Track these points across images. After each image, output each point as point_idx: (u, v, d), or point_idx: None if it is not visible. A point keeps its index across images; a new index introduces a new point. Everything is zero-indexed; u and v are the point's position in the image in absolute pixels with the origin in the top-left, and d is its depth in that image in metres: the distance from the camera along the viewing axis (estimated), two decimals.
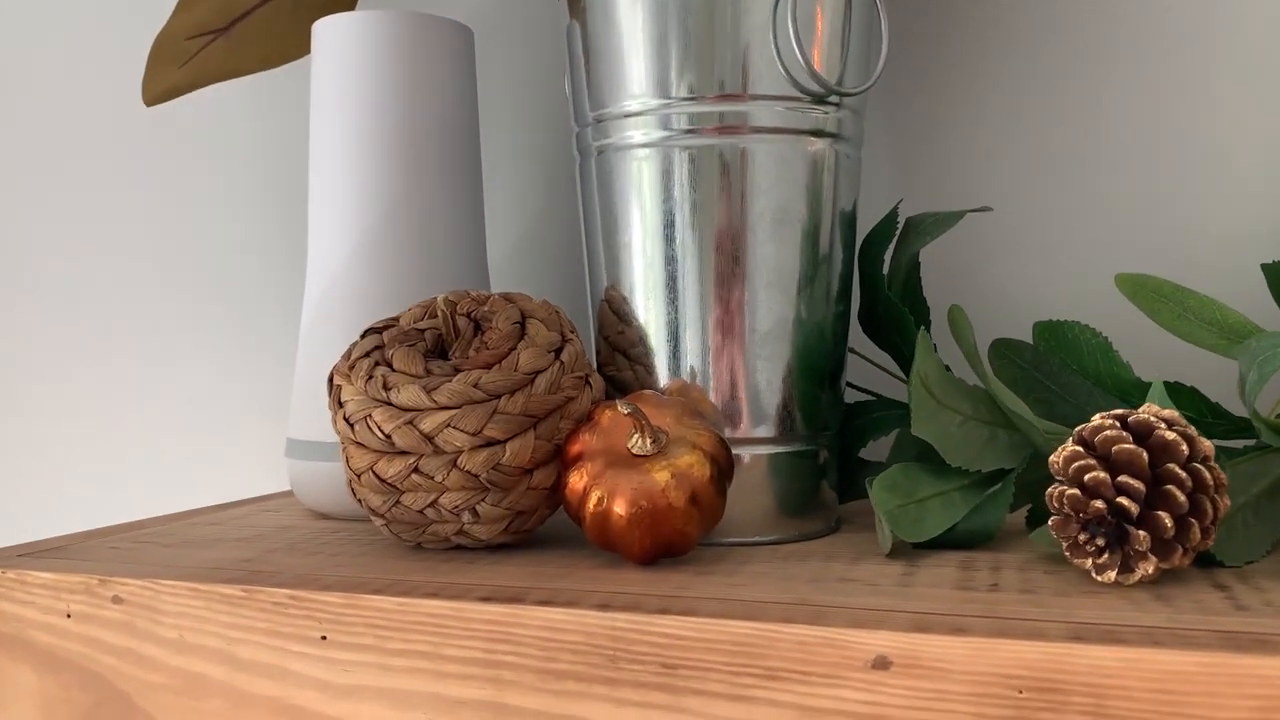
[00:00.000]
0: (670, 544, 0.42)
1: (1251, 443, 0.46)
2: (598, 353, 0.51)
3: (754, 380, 0.48)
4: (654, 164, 0.48)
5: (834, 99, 0.48)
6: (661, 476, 0.41)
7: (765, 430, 0.48)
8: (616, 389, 0.50)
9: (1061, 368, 0.49)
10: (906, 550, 0.45)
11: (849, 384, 0.56)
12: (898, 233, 0.53)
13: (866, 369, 0.58)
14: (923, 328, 0.46)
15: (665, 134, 0.47)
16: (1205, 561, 0.42)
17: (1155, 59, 0.58)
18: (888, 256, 0.53)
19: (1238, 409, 0.48)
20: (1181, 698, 0.31)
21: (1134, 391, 0.47)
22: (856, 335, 0.55)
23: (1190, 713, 0.31)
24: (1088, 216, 0.59)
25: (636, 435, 0.42)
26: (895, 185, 0.63)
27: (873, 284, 0.52)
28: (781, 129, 0.47)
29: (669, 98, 0.47)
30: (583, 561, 0.44)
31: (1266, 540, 0.43)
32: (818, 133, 0.48)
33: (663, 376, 0.48)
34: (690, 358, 0.48)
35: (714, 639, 0.35)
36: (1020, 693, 0.33)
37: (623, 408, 0.41)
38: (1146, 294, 0.48)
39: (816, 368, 0.49)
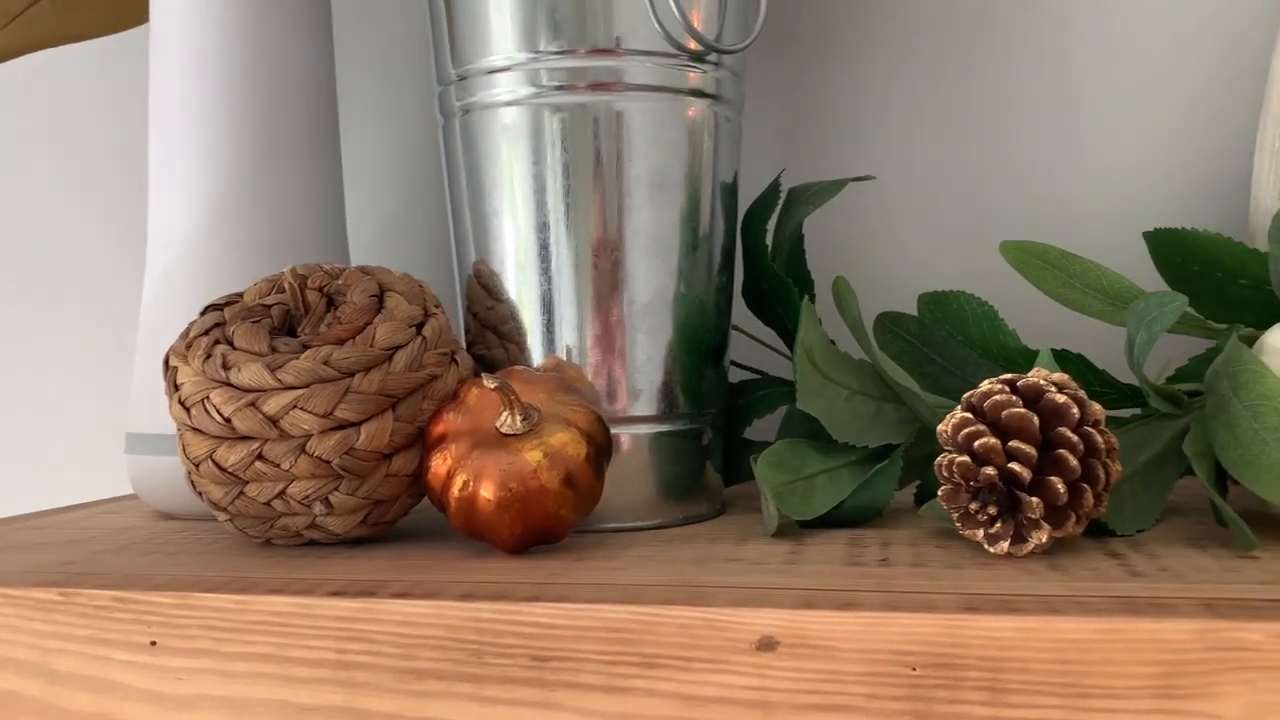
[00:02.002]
0: (544, 530, 0.39)
1: (1139, 411, 0.45)
2: (466, 331, 0.47)
3: (633, 356, 0.45)
4: (522, 124, 0.45)
5: (712, 58, 0.46)
6: (533, 456, 0.38)
7: (646, 409, 0.45)
8: (487, 369, 0.46)
9: (947, 339, 0.48)
10: (793, 529, 0.43)
11: (732, 362, 0.54)
12: (781, 203, 0.51)
13: (750, 346, 0.56)
14: (807, 298, 0.44)
15: (533, 91, 0.44)
16: (1097, 531, 0.40)
17: (1039, 30, 0.58)
18: (772, 228, 0.51)
19: (1125, 377, 0.47)
20: (1079, 666, 0.30)
21: (1021, 360, 0.46)
22: (740, 311, 0.53)
23: (1088, 682, 0.29)
24: (974, 187, 0.58)
25: (506, 413, 0.39)
26: (780, 156, 0.61)
27: (756, 256, 0.50)
28: (658, 87, 0.45)
29: (537, 52, 0.44)
30: (450, 553, 0.41)
31: (1156, 508, 0.42)
32: (696, 93, 0.46)
33: (537, 354, 0.45)
34: (566, 334, 0.45)
35: (588, 626, 0.32)
36: (914, 670, 0.30)
37: (489, 382, 0.38)
38: (1031, 261, 0.46)
39: (699, 343, 0.46)
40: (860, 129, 0.60)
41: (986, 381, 0.39)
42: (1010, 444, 0.36)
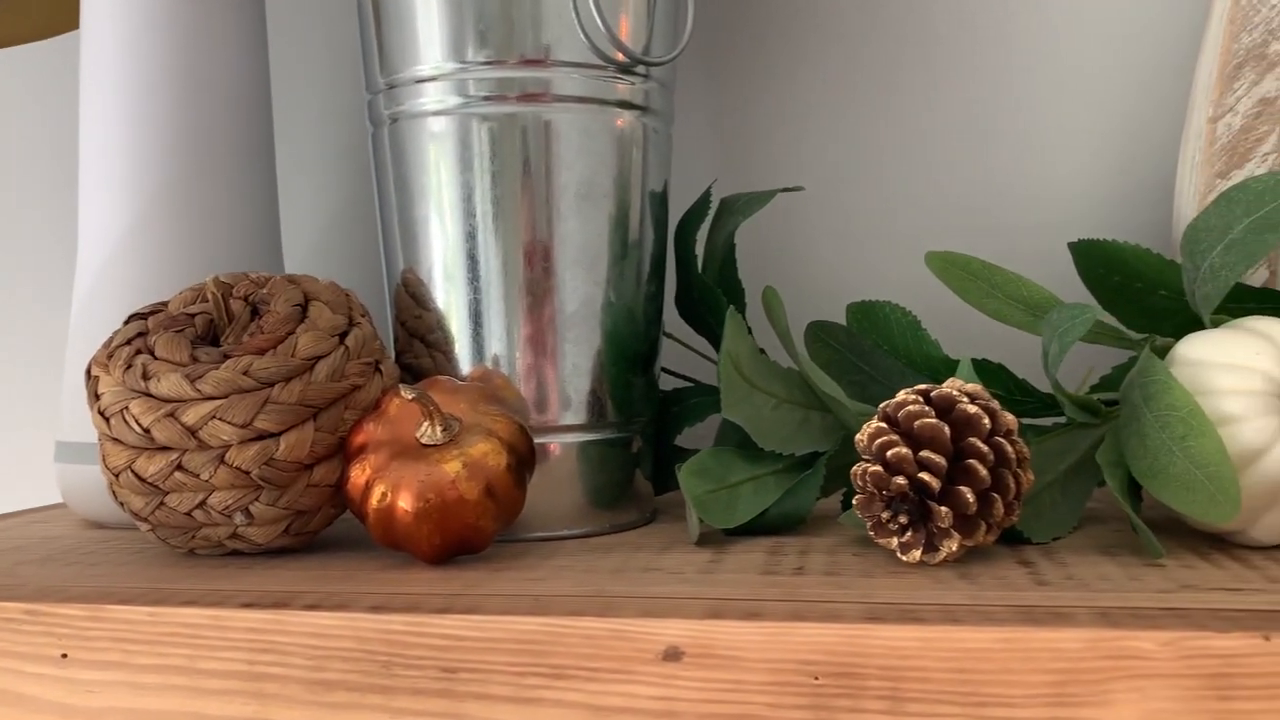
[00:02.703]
0: (464, 540, 0.39)
1: (1062, 420, 0.46)
2: (395, 340, 0.47)
3: (561, 365, 0.45)
4: (450, 134, 0.45)
5: (641, 70, 0.46)
6: (452, 467, 0.38)
7: (574, 418, 0.45)
8: (415, 378, 0.46)
9: (874, 348, 0.48)
10: (717, 538, 0.44)
11: (665, 370, 0.54)
12: (712, 213, 0.52)
13: (684, 354, 0.57)
14: (732, 307, 0.44)
15: (461, 101, 0.44)
16: (1014, 539, 0.41)
17: (969, 43, 0.58)
18: (704, 238, 0.52)
19: (1048, 386, 0.48)
20: (977, 675, 0.30)
21: (944, 369, 0.46)
22: (674, 320, 0.53)
23: (986, 691, 0.30)
24: (907, 197, 0.59)
25: (426, 423, 0.39)
26: (714, 167, 0.61)
27: (686, 265, 0.51)
28: (586, 99, 0.45)
29: (465, 62, 0.44)
30: (371, 563, 0.41)
31: (1074, 516, 0.43)
32: (625, 105, 0.46)
33: (464, 363, 0.45)
34: (493, 343, 0.45)
35: (497, 638, 0.33)
36: (817, 679, 0.31)
37: (407, 393, 0.38)
38: (955, 271, 0.47)
39: (628, 351, 0.46)
40: (794, 140, 0.60)
41: (902, 392, 0.39)
42: (921, 454, 0.37)
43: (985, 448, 0.37)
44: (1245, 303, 0.45)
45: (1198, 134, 0.49)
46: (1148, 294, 0.46)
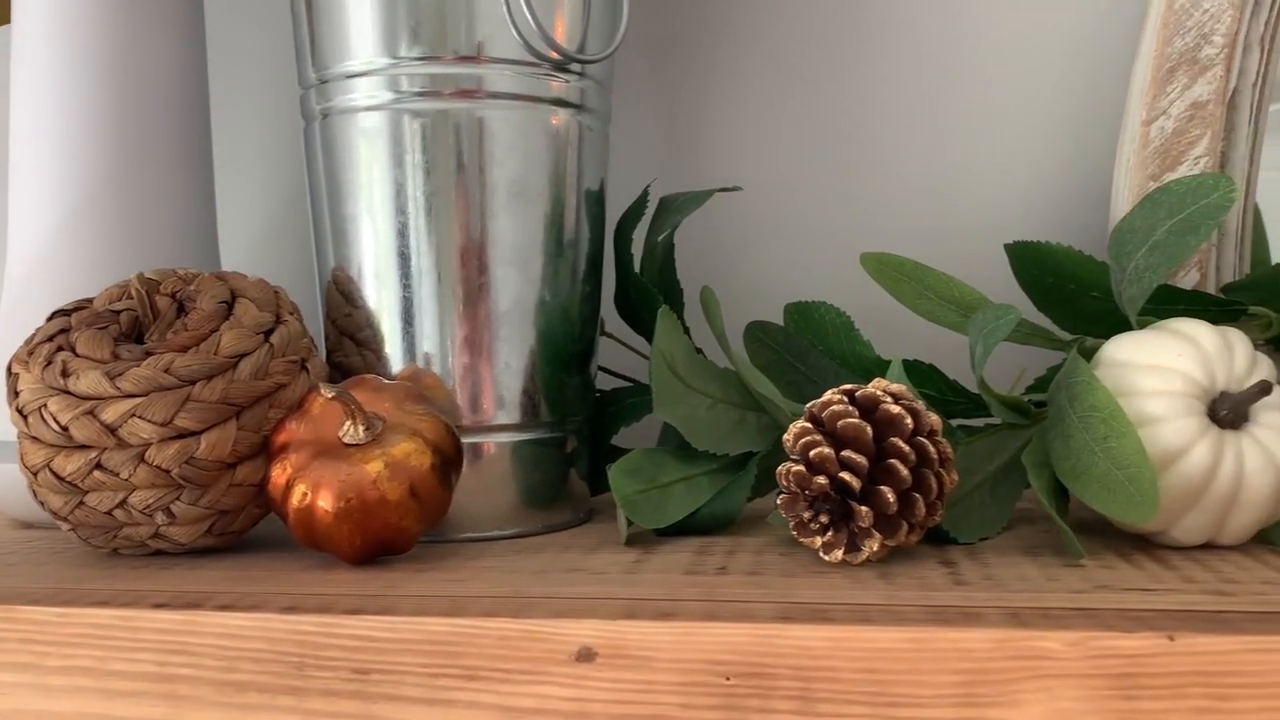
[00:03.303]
0: (386, 541, 0.39)
1: (996, 421, 0.46)
2: (326, 338, 0.47)
3: (493, 364, 0.45)
4: (381, 130, 0.44)
5: (576, 68, 0.46)
6: (374, 467, 0.38)
7: (507, 417, 0.45)
8: (345, 377, 0.46)
9: (810, 349, 0.48)
10: (648, 538, 0.43)
11: (605, 370, 0.54)
12: (652, 213, 0.52)
13: (624, 354, 0.56)
14: (665, 307, 0.44)
15: (393, 97, 0.44)
16: (940, 539, 0.41)
17: (909, 44, 0.58)
18: (644, 237, 0.51)
19: (974, 385, 0.48)
20: (886, 676, 0.30)
21: (876, 370, 0.46)
22: (615, 320, 0.53)
23: (894, 691, 0.30)
24: (851, 198, 0.59)
25: (348, 423, 0.39)
26: (657, 167, 0.61)
27: (624, 265, 0.50)
28: (520, 96, 0.45)
29: (397, 57, 0.44)
30: (294, 564, 0.40)
31: (1002, 517, 0.43)
32: (560, 103, 0.46)
33: (395, 362, 0.45)
34: (424, 342, 0.44)
35: (410, 639, 0.32)
36: (728, 679, 0.31)
37: (327, 392, 0.38)
38: (889, 272, 0.47)
39: (562, 351, 0.46)
40: (736, 140, 0.60)
41: (829, 392, 0.39)
42: (844, 454, 0.37)
43: (907, 448, 0.37)
44: (1176, 304, 0.45)
45: (1132, 137, 0.49)
46: (1081, 295, 0.47)
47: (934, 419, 0.39)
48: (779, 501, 0.38)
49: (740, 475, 0.44)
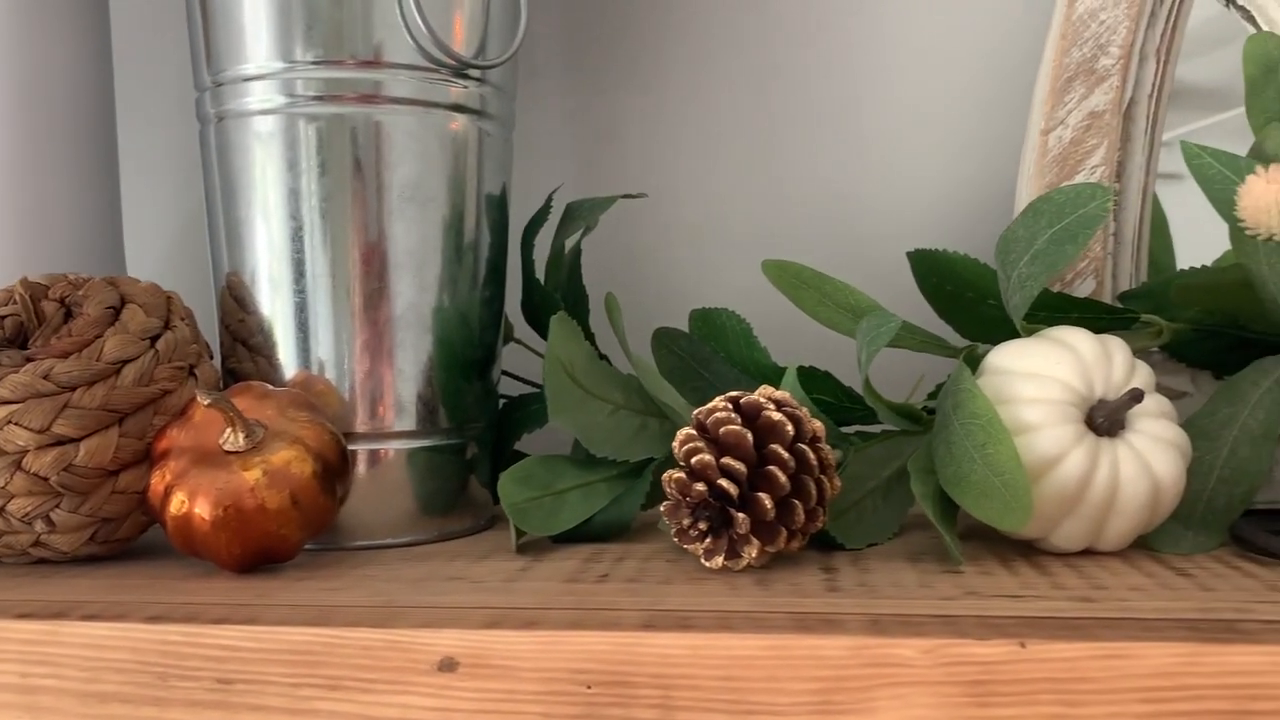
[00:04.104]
0: (267, 550, 0.38)
1: (894, 429, 0.46)
2: (221, 344, 0.46)
3: (389, 370, 0.44)
4: (276, 134, 0.44)
5: (475, 74, 0.46)
6: (252, 475, 0.37)
7: (403, 424, 0.45)
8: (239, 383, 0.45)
9: (713, 355, 0.48)
10: (542, 545, 0.43)
11: (512, 376, 0.54)
12: (559, 219, 0.51)
13: (534, 360, 0.56)
14: (562, 313, 0.44)
15: (288, 100, 0.44)
16: (830, 545, 0.41)
17: (823, 54, 0.59)
18: (551, 243, 0.51)
19: (883, 393, 0.48)
20: (744, 684, 0.30)
21: (774, 377, 0.46)
22: (525, 327, 0.53)
23: (752, 699, 0.30)
24: (766, 204, 0.59)
25: (228, 430, 0.38)
26: (571, 173, 0.61)
27: (527, 272, 0.50)
28: (418, 101, 0.44)
29: (293, 61, 0.44)
30: (178, 572, 0.40)
31: (893, 523, 0.43)
32: (459, 108, 0.45)
33: (289, 368, 0.44)
34: (318, 347, 0.44)
35: (273, 649, 0.32)
36: (589, 688, 0.31)
37: (203, 399, 0.37)
38: (789, 279, 0.47)
39: (460, 356, 0.46)
40: (649, 147, 0.60)
41: (717, 399, 0.39)
42: (723, 460, 0.37)
43: (786, 454, 0.37)
44: (1069, 312, 0.45)
45: (1032, 146, 0.50)
46: (978, 303, 0.47)
47: (816, 425, 0.39)
48: (662, 508, 0.38)
49: (636, 482, 0.44)
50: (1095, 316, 0.45)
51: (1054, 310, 0.45)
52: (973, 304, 0.47)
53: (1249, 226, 0.38)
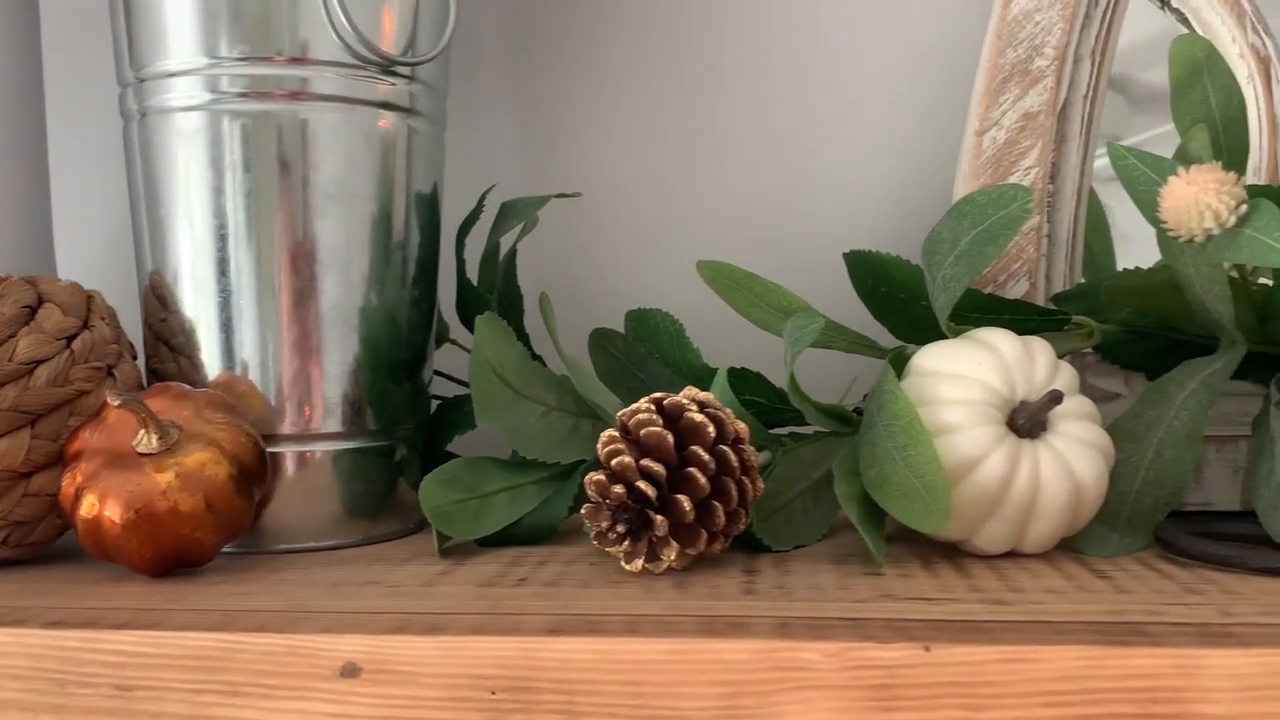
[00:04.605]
0: (180, 553, 0.38)
1: (825, 430, 0.46)
2: (145, 344, 0.46)
3: (314, 371, 0.44)
4: (200, 131, 0.43)
5: (405, 71, 0.45)
6: (164, 478, 0.37)
7: (329, 425, 0.44)
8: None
9: (647, 356, 0.48)
10: (468, 549, 0.43)
11: (449, 377, 0.53)
12: (492, 219, 0.51)
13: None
14: (489, 314, 0.44)
15: (213, 97, 0.43)
16: (757, 547, 0.41)
17: (757, 55, 0.58)
18: (486, 243, 0.51)
19: (819, 395, 0.47)
20: (649, 688, 0.30)
21: (706, 378, 0.46)
22: (460, 328, 0.52)
23: (656, 704, 0.29)
24: (700, 206, 0.59)
25: (142, 432, 0.38)
26: (514, 172, 0.60)
27: (460, 272, 0.50)
28: (345, 98, 0.44)
29: (217, 57, 0.43)
30: (92, 576, 0.39)
31: (822, 525, 0.43)
32: (387, 105, 0.45)
33: (212, 369, 0.43)
34: (242, 348, 0.43)
35: (174, 655, 0.31)
36: (493, 693, 0.30)
37: (113, 400, 0.37)
38: (723, 280, 0.47)
39: (387, 357, 0.45)
40: (591, 147, 0.60)
41: (642, 400, 0.39)
42: (642, 462, 0.36)
43: (707, 456, 0.37)
44: (1001, 314, 0.45)
45: (968, 148, 0.50)
46: (911, 305, 0.47)
47: (740, 427, 0.38)
48: (583, 511, 0.38)
49: (566, 484, 0.44)
50: (1026, 318, 0.45)
51: (986, 311, 0.45)
52: (906, 305, 0.47)
53: (1171, 228, 0.37)
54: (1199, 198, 0.36)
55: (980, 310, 0.45)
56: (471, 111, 0.59)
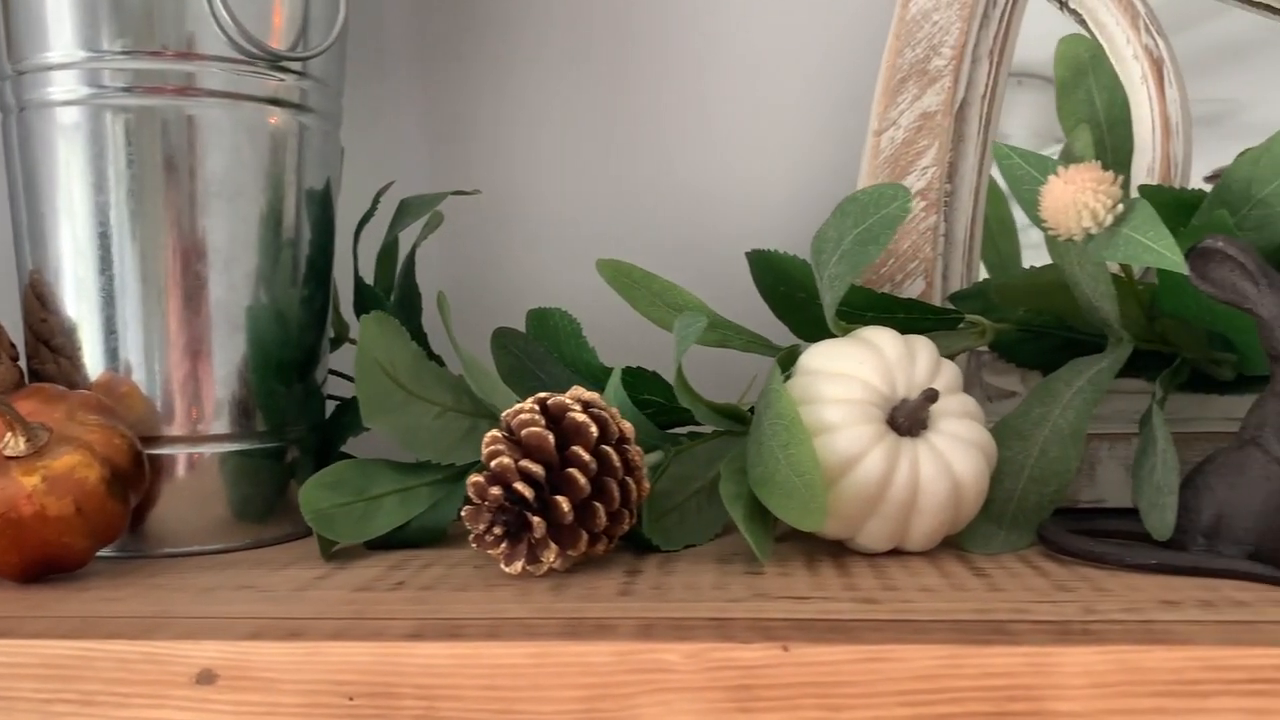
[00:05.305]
0: (50, 559, 0.37)
1: (722, 429, 0.46)
2: (26, 345, 0.45)
3: (200, 372, 0.43)
4: (81, 126, 0.42)
5: (296, 67, 0.44)
6: (30, 481, 0.36)
7: (216, 427, 0.43)
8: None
9: (547, 355, 0.48)
10: (355, 552, 0.42)
11: (348, 377, 0.53)
12: (391, 218, 0.50)
13: None
14: (375, 313, 0.43)
15: (94, 91, 0.42)
16: (648, 547, 0.40)
17: (667, 58, 0.58)
18: (384, 241, 0.50)
19: (714, 395, 0.47)
20: (509, 693, 0.29)
21: (603, 377, 0.46)
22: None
23: (517, 708, 0.29)
24: (612, 205, 0.59)
25: (8, 434, 0.37)
26: (421, 172, 0.60)
27: (355, 271, 0.49)
28: (232, 94, 0.43)
29: (99, 50, 0.42)
30: None
31: (716, 524, 0.43)
32: (277, 102, 0.44)
33: (94, 369, 0.42)
34: (124, 348, 0.42)
35: (25, 663, 0.30)
36: (351, 699, 0.30)
37: None
38: (622, 279, 0.47)
39: (276, 357, 0.45)
40: (502, 146, 0.59)
41: (528, 399, 0.39)
42: (521, 463, 0.36)
43: (588, 456, 0.36)
44: (895, 313, 0.45)
45: (868, 147, 0.50)
46: (809, 303, 0.47)
47: (626, 427, 0.38)
48: (463, 513, 0.37)
49: (458, 486, 0.43)
50: (920, 317, 0.45)
51: (881, 310, 0.45)
52: (804, 304, 0.47)
53: (1051, 228, 0.38)
54: (1076, 197, 0.36)
55: (875, 309, 0.45)
56: (378, 109, 0.59)
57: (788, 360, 0.42)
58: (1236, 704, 0.28)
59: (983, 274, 0.51)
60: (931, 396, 0.37)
